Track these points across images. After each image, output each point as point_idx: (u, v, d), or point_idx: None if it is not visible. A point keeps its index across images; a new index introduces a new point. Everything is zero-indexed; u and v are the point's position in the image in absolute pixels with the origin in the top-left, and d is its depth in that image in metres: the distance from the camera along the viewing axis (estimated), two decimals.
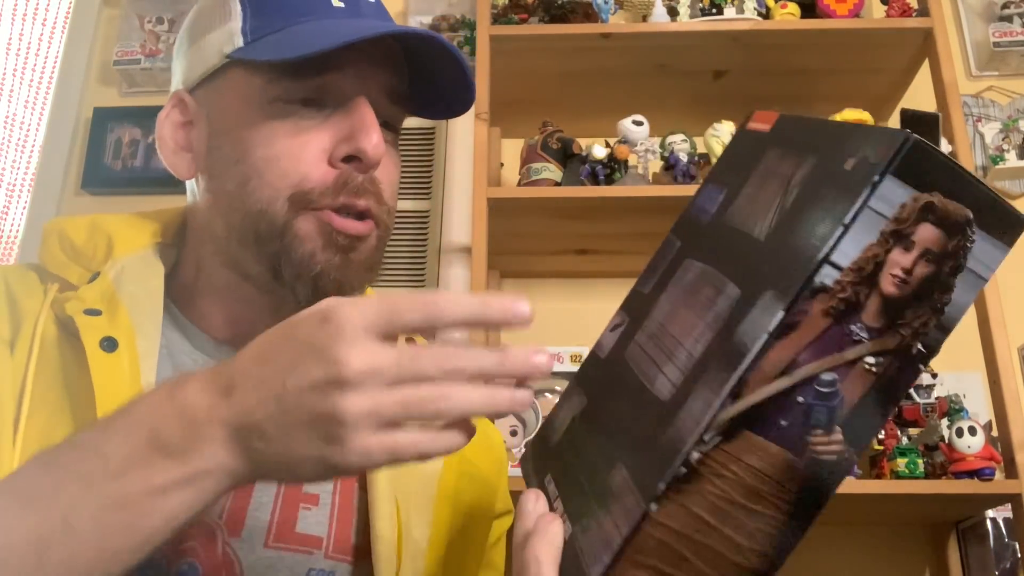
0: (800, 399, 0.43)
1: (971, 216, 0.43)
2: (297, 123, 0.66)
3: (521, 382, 0.46)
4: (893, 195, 0.42)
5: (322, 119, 0.66)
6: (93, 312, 0.65)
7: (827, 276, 0.42)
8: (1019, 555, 1.56)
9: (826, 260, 0.42)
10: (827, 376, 0.43)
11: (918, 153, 0.42)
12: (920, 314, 0.43)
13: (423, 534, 0.68)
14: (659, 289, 0.54)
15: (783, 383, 0.43)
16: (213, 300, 0.71)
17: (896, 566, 1.74)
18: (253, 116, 0.67)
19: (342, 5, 0.68)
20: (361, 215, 0.67)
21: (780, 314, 0.42)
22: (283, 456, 0.44)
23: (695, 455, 0.43)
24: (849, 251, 0.42)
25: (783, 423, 0.43)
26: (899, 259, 0.43)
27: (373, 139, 0.65)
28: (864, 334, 0.43)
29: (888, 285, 0.43)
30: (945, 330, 0.44)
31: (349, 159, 0.66)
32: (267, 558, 0.64)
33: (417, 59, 0.71)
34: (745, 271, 0.47)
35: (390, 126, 0.70)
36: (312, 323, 0.45)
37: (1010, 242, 0.44)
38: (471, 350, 0.45)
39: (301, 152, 0.65)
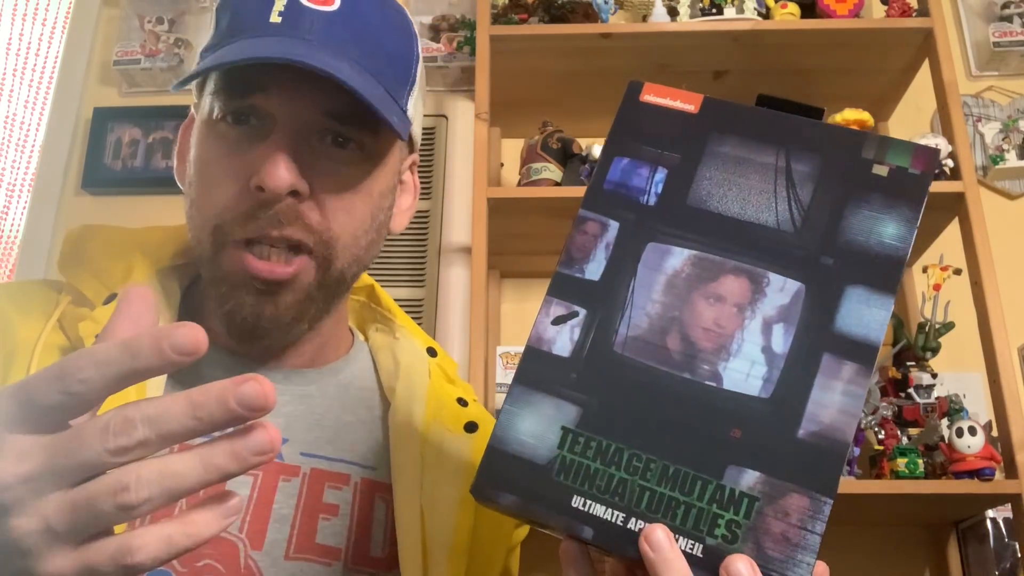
0: None
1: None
2: (230, 146, 0.65)
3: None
4: None
5: (246, 144, 0.64)
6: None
7: None
8: (1019, 555, 1.56)
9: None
10: None
11: None
12: None
13: (446, 541, 0.67)
14: (621, 276, 0.51)
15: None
16: (215, 313, 0.70)
17: (896, 566, 1.74)
18: (201, 135, 0.67)
19: (279, 20, 0.64)
20: (297, 250, 0.64)
21: (891, 307, 0.48)
22: None
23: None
24: None
25: None
26: None
27: (275, 171, 0.61)
28: None
29: None
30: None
31: (261, 190, 0.63)
32: (289, 569, 0.64)
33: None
34: (779, 261, 0.50)
35: (346, 143, 0.66)
36: None
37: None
38: (154, 403, 0.35)
39: (223, 179, 0.64)
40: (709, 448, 0.47)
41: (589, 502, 0.48)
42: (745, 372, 0.48)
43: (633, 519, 0.47)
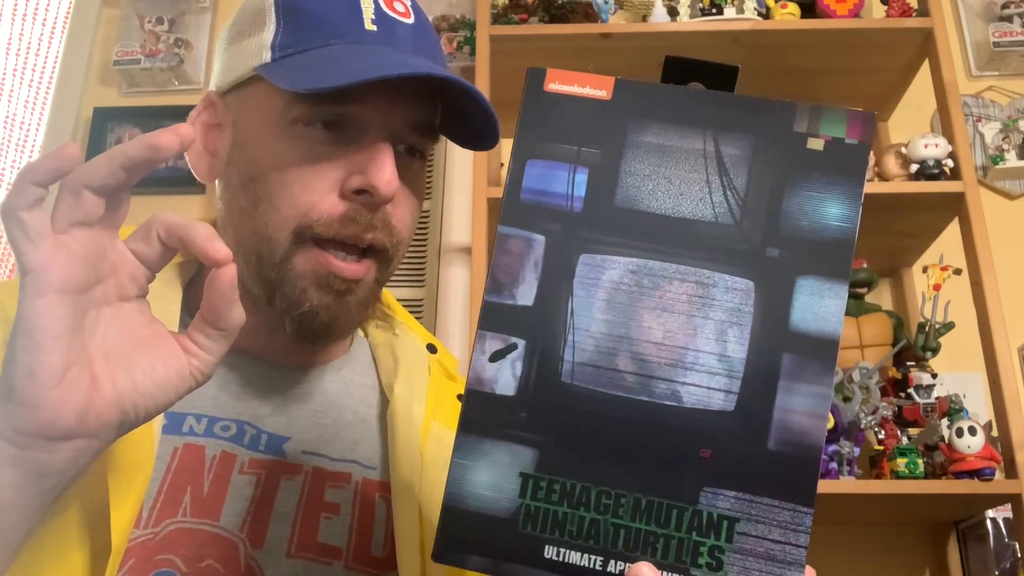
0: None
1: None
2: (313, 149, 0.64)
3: None
4: None
5: (339, 148, 0.65)
6: None
7: None
8: (1019, 555, 1.56)
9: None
10: None
11: None
12: None
13: None
14: (556, 297, 0.47)
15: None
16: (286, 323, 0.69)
17: (896, 566, 1.74)
18: (272, 135, 0.66)
19: (375, 29, 0.65)
20: (365, 251, 0.65)
21: (846, 294, 0.45)
22: None
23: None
24: None
25: None
26: None
27: (386, 175, 0.63)
28: None
29: None
30: None
31: (360, 192, 0.64)
32: (290, 568, 0.63)
33: (449, 92, 0.69)
34: (723, 259, 0.46)
35: (415, 152, 0.69)
36: None
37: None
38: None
39: (312, 181, 0.64)
40: (680, 473, 0.45)
41: (563, 550, 0.45)
42: (705, 386, 0.45)
43: (612, 561, 0.44)
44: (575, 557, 0.45)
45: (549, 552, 0.45)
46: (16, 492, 0.44)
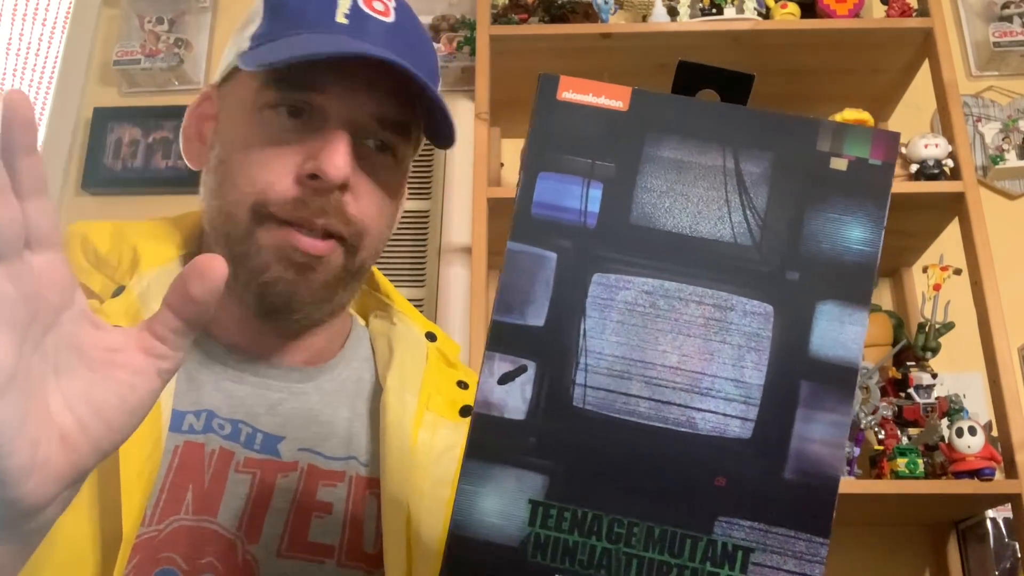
0: None
1: None
2: (275, 133, 0.67)
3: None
4: None
5: (299, 134, 0.67)
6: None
7: None
8: (1019, 555, 1.56)
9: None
10: None
11: None
12: None
13: (434, 535, 0.67)
14: (569, 318, 0.46)
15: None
16: (220, 303, 0.71)
17: (896, 566, 1.74)
18: (243, 120, 0.69)
19: (346, 22, 0.68)
20: (328, 235, 0.67)
21: (866, 320, 0.44)
22: None
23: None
24: None
25: None
26: None
27: (335, 161, 0.65)
28: None
29: None
30: None
31: (313, 177, 0.66)
32: (282, 567, 0.64)
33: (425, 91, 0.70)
34: (741, 281, 0.45)
35: (385, 149, 0.70)
36: None
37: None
38: None
39: (271, 162, 0.67)
40: (694, 502, 0.43)
41: None
42: (721, 412, 0.44)
43: None
44: None
45: None
46: (9, 555, 0.42)
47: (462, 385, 0.78)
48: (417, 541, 0.67)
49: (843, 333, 0.44)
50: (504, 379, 0.45)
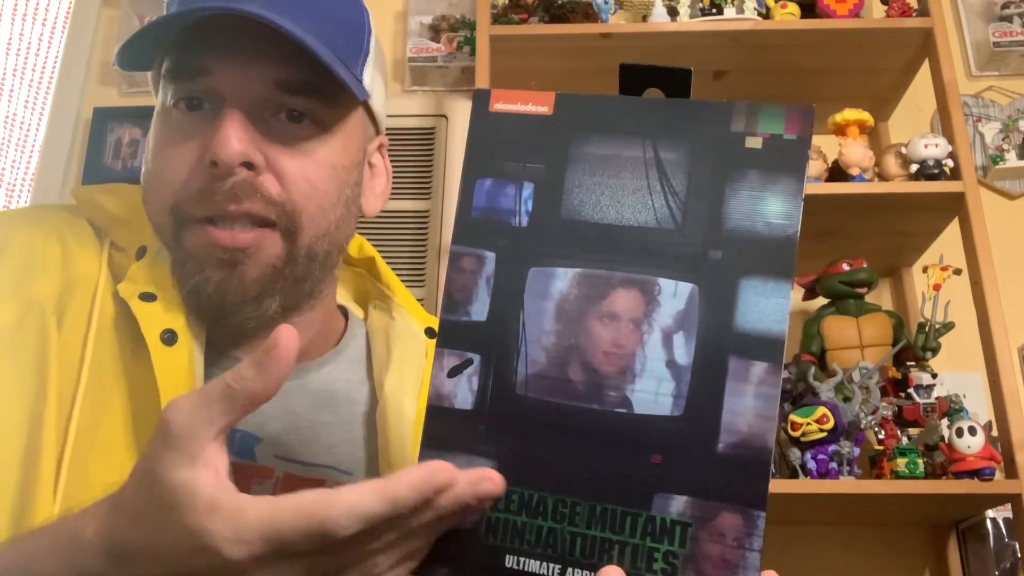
0: None
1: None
2: (182, 130, 0.65)
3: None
4: None
5: (198, 125, 0.64)
6: (148, 297, 0.64)
7: None
8: (1019, 555, 1.56)
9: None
10: None
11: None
12: None
13: None
14: (508, 311, 0.48)
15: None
16: (186, 299, 0.69)
17: (896, 566, 1.74)
18: (157, 123, 0.67)
19: None
20: (261, 221, 0.63)
21: (790, 293, 0.44)
22: None
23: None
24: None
25: None
26: None
27: (224, 142, 0.61)
28: None
29: None
30: None
31: (214, 165, 0.62)
32: None
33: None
34: (666, 264, 0.47)
35: (302, 117, 0.65)
36: (198, 510, 0.41)
37: None
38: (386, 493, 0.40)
39: (177, 161, 0.64)
40: (632, 479, 0.45)
41: (523, 559, 0.45)
42: (654, 391, 0.45)
43: (570, 569, 0.45)
44: (534, 566, 0.45)
45: (510, 561, 0.45)
46: None
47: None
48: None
49: (767, 306, 0.45)
50: (452, 372, 0.48)
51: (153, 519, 0.42)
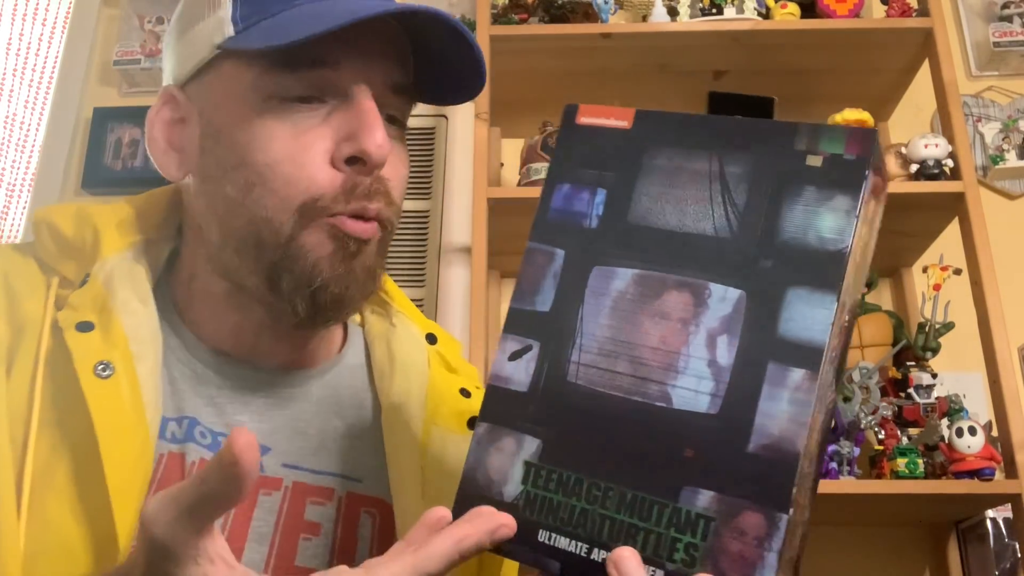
0: None
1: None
2: (296, 123, 0.61)
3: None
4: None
5: (321, 117, 0.61)
6: (85, 326, 0.60)
7: None
8: (1019, 555, 1.56)
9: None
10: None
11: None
12: None
13: None
14: (569, 304, 0.52)
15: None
16: (209, 308, 0.67)
17: (896, 566, 1.74)
18: (248, 115, 0.62)
19: None
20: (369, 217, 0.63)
21: (835, 306, 0.46)
22: None
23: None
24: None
25: None
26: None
27: (377, 138, 0.60)
28: None
29: None
30: None
31: (352, 160, 0.61)
32: None
33: (422, 41, 0.66)
34: (719, 269, 0.49)
35: (395, 120, 0.65)
36: None
37: None
38: None
39: (303, 156, 0.61)
40: (663, 471, 0.47)
41: (554, 535, 0.48)
42: (693, 389, 0.47)
43: (596, 550, 0.47)
44: (564, 543, 0.48)
45: (542, 536, 0.48)
46: None
47: (464, 393, 0.73)
48: None
49: (811, 316, 0.46)
50: (513, 356, 0.52)
51: None
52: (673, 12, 1.79)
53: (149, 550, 0.43)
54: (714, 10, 1.77)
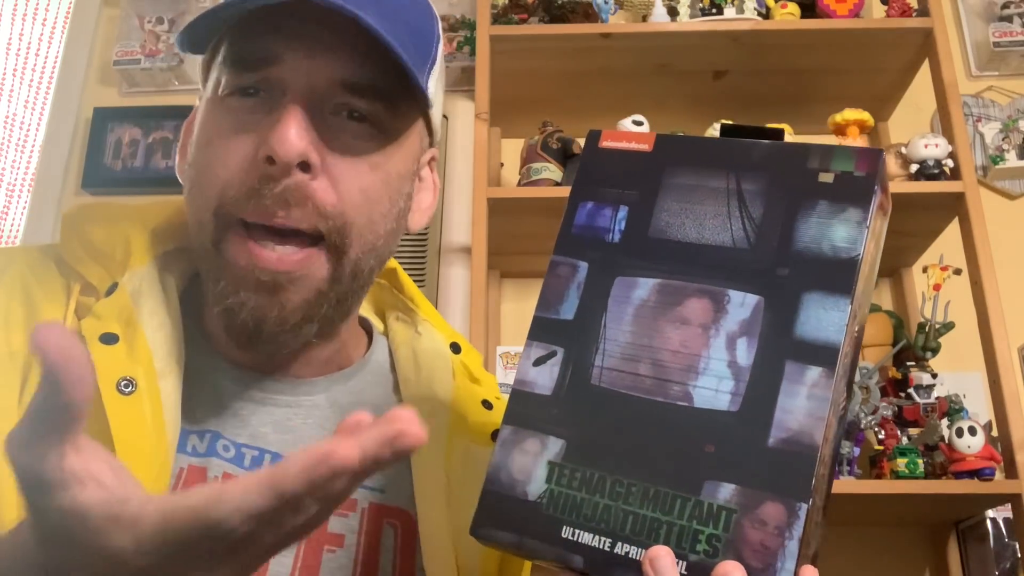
0: None
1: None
2: (235, 121, 0.59)
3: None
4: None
5: (256, 117, 0.58)
6: (109, 338, 0.58)
7: None
8: (1019, 555, 1.56)
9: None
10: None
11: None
12: None
13: (476, 567, 0.64)
14: (593, 312, 0.54)
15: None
16: (216, 317, 0.64)
17: (896, 566, 1.74)
18: (207, 113, 0.61)
19: None
20: (302, 239, 0.58)
21: (849, 308, 0.49)
22: None
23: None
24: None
25: None
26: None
27: (284, 136, 0.55)
28: None
29: None
30: None
31: (269, 162, 0.56)
32: None
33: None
34: (737, 278, 0.51)
35: (362, 118, 0.60)
36: (94, 530, 0.37)
37: None
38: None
39: (229, 155, 0.58)
40: (685, 466, 0.48)
41: (578, 531, 0.49)
42: (714, 388, 0.49)
43: (620, 544, 0.49)
44: (587, 538, 0.49)
45: (566, 532, 0.50)
46: None
47: (486, 405, 0.72)
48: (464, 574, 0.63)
49: (825, 318, 0.49)
50: (538, 362, 0.54)
51: (63, 550, 0.38)
52: (673, 12, 1.79)
53: (22, 489, 0.38)
54: (714, 10, 1.77)
